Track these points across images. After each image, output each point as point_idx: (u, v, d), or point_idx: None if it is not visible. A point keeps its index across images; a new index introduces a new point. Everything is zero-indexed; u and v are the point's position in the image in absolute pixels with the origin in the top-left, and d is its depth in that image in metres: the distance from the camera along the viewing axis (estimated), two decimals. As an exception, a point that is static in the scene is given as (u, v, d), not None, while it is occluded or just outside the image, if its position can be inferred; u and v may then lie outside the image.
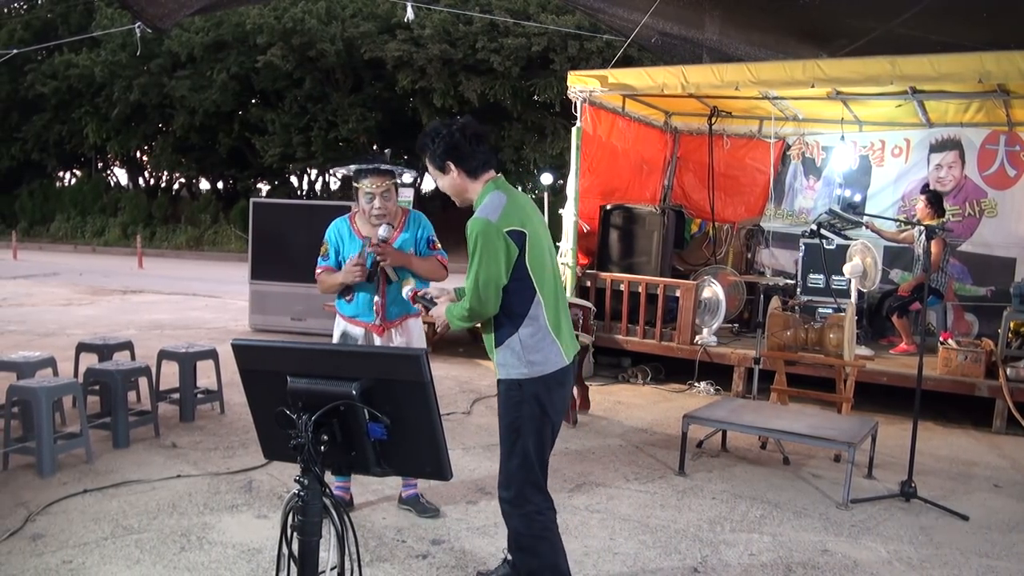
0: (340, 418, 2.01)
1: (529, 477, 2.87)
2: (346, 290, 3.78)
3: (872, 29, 6.95)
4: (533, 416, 2.85)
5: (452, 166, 2.92)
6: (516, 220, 2.83)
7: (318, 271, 3.87)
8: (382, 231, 3.69)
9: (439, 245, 3.90)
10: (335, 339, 3.93)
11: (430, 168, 2.97)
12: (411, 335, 3.87)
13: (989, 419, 5.91)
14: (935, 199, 6.88)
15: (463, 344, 8.13)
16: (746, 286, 7.85)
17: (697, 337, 6.98)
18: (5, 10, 21.59)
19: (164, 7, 6.99)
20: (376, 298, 3.74)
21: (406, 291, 3.23)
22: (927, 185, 7.39)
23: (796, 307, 6.92)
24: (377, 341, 3.79)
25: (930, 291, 6.58)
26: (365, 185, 3.71)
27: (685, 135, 9.30)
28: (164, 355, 5.57)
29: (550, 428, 2.91)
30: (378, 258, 3.66)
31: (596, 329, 6.77)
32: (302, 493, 2.04)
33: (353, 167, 3.78)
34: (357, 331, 3.82)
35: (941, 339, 6.35)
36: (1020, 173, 7.64)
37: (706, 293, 7.01)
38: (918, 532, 3.94)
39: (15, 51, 12.23)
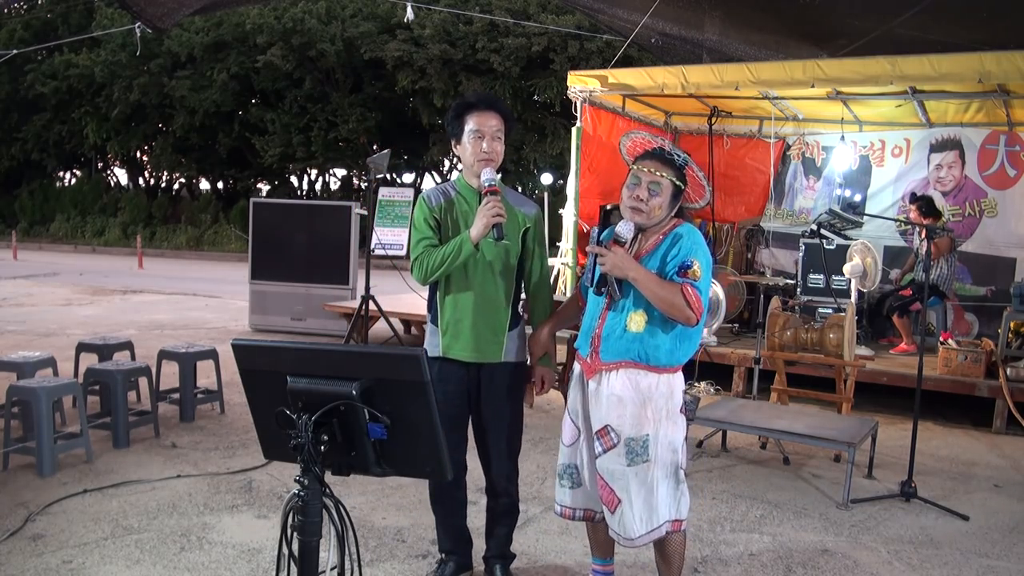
0: (340, 418, 2.01)
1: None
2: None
3: (872, 29, 6.96)
4: None
5: None
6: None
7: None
8: (621, 228, 2.62)
9: (698, 273, 2.56)
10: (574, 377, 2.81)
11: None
12: (631, 398, 2.60)
13: (989, 419, 5.91)
14: (927, 207, 6.81)
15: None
16: (746, 286, 7.85)
17: (697, 337, 6.97)
18: (5, 10, 21.60)
19: (164, 7, 6.99)
20: (596, 324, 2.68)
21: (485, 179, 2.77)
22: (914, 194, 7.35)
23: (796, 307, 6.92)
24: (587, 385, 2.70)
25: (931, 291, 6.57)
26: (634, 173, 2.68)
27: (685, 135, 9.30)
28: (164, 355, 5.57)
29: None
30: (599, 261, 2.57)
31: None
32: (302, 493, 2.03)
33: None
34: (577, 369, 2.78)
35: (941, 339, 6.35)
36: (1020, 173, 7.64)
37: (706, 293, 6.99)
38: (918, 532, 3.94)
39: (15, 51, 12.24)
